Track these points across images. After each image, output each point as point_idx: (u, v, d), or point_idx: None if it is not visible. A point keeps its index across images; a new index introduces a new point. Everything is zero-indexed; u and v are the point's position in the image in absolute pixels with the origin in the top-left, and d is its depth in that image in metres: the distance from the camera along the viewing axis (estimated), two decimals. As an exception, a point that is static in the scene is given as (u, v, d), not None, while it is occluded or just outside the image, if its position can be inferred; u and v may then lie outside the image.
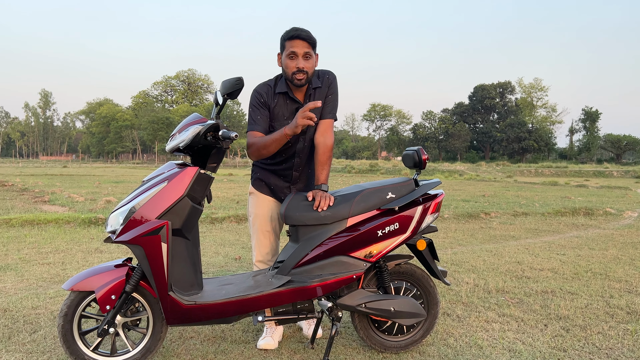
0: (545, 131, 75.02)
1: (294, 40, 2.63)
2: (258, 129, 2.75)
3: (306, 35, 2.63)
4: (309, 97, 2.79)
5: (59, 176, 24.16)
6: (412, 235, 2.64)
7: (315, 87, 2.80)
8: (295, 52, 2.62)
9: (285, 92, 2.77)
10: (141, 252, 2.35)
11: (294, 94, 2.78)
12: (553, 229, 8.24)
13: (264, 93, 2.79)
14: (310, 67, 2.68)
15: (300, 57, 2.63)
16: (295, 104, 2.79)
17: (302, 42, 2.62)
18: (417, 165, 2.75)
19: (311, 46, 2.66)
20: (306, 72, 2.66)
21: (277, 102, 2.78)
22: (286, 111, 2.78)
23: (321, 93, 2.82)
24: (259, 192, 2.99)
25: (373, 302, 2.63)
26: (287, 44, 2.65)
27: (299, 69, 2.64)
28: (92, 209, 9.41)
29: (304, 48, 2.63)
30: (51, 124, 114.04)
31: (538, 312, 3.60)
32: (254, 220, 2.99)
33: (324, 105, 2.81)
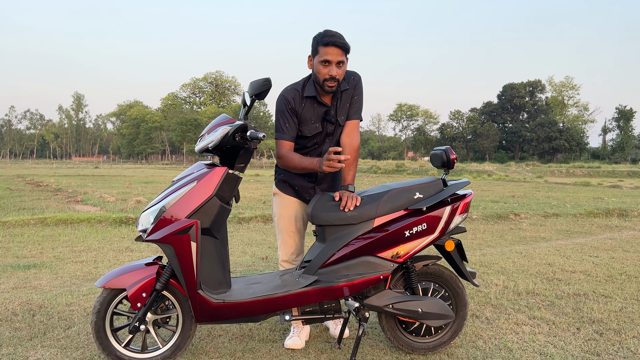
0: (576, 130, 73.28)
1: (329, 47, 2.57)
2: (287, 138, 2.74)
3: (341, 43, 2.58)
4: (337, 101, 2.78)
5: (90, 177, 24.77)
6: (440, 236, 2.62)
7: (343, 90, 2.79)
8: (329, 60, 2.58)
9: (314, 97, 2.74)
10: (171, 251, 2.39)
11: (322, 99, 2.75)
12: (585, 230, 8.04)
13: (291, 99, 2.76)
14: (342, 75, 2.65)
15: (333, 64, 2.59)
16: (323, 108, 2.77)
17: (337, 49, 2.58)
18: (445, 165, 2.72)
19: (345, 53, 2.62)
20: (337, 80, 2.63)
21: (304, 106, 2.75)
22: (314, 115, 2.77)
23: (348, 95, 2.81)
24: (283, 193, 2.98)
25: (400, 303, 2.61)
26: (322, 50, 2.60)
27: (331, 76, 2.60)
28: (122, 208, 9.61)
29: (338, 56, 2.59)
30: (83, 125, 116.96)
31: (570, 315, 3.51)
32: (278, 221, 3.00)
33: (350, 106, 2.81)
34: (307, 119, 2.75)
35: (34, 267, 4.83)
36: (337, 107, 2.78)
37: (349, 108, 2.81)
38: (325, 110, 2.76)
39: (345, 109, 2.80)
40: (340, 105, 2.78)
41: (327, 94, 2.74)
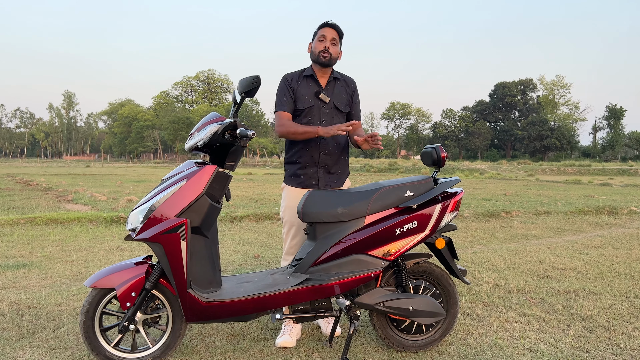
0: (567, 129, 73.73)
1: (326, 27, 3.02)
2: (286, 109, 3.04)
3: (336, 25, 3.04)
4: (329, 85, 3.10)
5: (81, 176, 24.60)
6: (430, 233, 2.62)
7: (336, 78, 3.14)
8: (325, 36, 3.00)
9: (311, 75, 3.09)
10: (161, 250, 2.37)
11: (318, 78, 3.08)
12: (576, 228, 8.09)
13: (289, 77, 3.10)
14: (334, 52, 3.02)
15: (328, 40, 3.00)
16: (317, 87, 3.07)
17: (332, 29, 3.02)
18: (436, 163, 2.73)
19: (338, 36, 3.04)
20: (330, 54, 2.99)
21: (300, 83, 3.07)
22: (308, 92, 3.05)
23: (340, 86, 3.14)
24: (289, 185, 3.13)
25: (391, 300, 2.61)
26: (320, 31, 3.03)
27: (325, 48, 2.98)
28: (114, 207, 9.55)
29: (332, 34, 3.01)
30: (74, 124, 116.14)
31: (560, 312, 3.53)
32: (284, 213, 3.11)
33: (352, 108, 3.20)
34: (302, 95, 3.05)
35: (23, 266, 4.78)
36: (331, 91, 3.09)
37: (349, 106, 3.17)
38: (317, 90, 3.06)
39: (341, 99, 3.11)
40: (334, 90, 3.10)
41: (322, 75, 3.08)
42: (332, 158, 3.06)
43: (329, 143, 3.03)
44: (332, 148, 3.04)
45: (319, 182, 3.04)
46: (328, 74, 3.10)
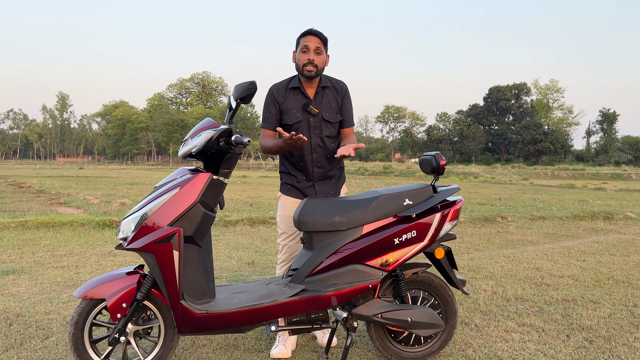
0: (561, 133, 74.10)
1: (307, 36, 2.84)
2: (268, 127, 2.96)
3: (318, 32, 2.85)
4: (318, 95, 2.93)
5: (75, 178, 24.42)
6: (430, 243, 2.56)
7: (325, 86, 2.96)
8: (307, 46, 2.82)
9: (297, 87, 2.93)
10: (153, 260, 2.30)
11: (305, 90, 2.92)
12: (572, 233, 8.07)
13: (275, 91, 2.97)
14: (320, 62, 2.85)
15: (312, 51, 2.82)
16: (305, 99, 2.92)
17: (314, 37, 2.83)
18: (435, 170, 2.67)
19: (322, 43, 2.86)
20: (316, 66, 2.82)
21: (287, 96, 2.93)
22: (295, 105, 2.92)
23: (330, 95, 2.97)
24: (285, 195, 3.06)
25: (389, 312, 2.55)
26: (301, 40, 2.85)
27: (309, 60, 2.81)
28: (106, 211, 9.45)
29: (315, 43, 2.83)
30: (68, 126, 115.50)
31: (559, 322, 3.49)
32: (279, 222, 3.06)
33: (343, 115, 3.00)
34: (289, 109, 2.92)
35: (13, 272, 4.69)
36: (320, 102, 2.94)
37: (342, 117, 3.00)
38: (305, 103, 2.92)
39: (330, 108, 2.95)
40: (322, 100, 2.94)
41: (309, 86, 2.93)
42: (327, 170, 2.99)
43: (321, 156, 2.95)
44: (324, 161, 2.97)
45: (317, 194, 2.99)
46: (316, 84, 2.94)
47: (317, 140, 2.94)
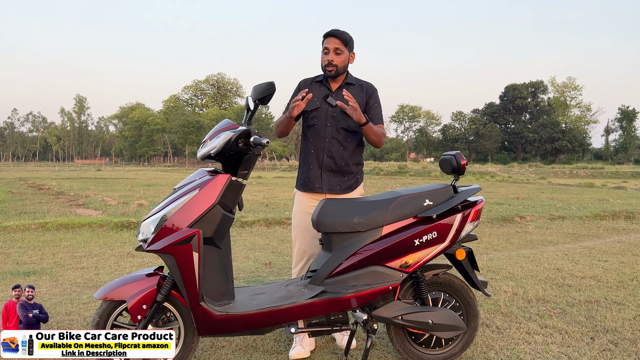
0: (579, 131, 73.02)
1: (328, 37, 2.93)
2: (286, 112, 3.00)
3: (338, 33, 2.91)
4: (340, 89, 3.00)
5: (92, 179, 24.72)
6: (450, 244, 2.53)
7: (348, 83, 3.03)
8: (328, 48, 2.91)
9: (322, 80, 3.07)
10: (172, 262, 2.30)
11: (329, 83, 3.04)
12: (592, 233, 7.94)
13: (302, 83, 3.12)
14: (340, 62, 2.92)
15: (331, 51, 2.90)
16: (326, 91, 3.02)
17: (334, 39, 2.91)
18: (455, 170, 2.63)
19: (342, 43, 2.91)
20: (335, 66, 2.91)
21: (311, 86, 3.06)
22: (317, 95, 3.02)
23: (353, 91, 3.02)
24: (299, 190, 3.12)
25: (410, 314, 2.52)
26: (324, 42, 2.96)
27: (329, 61, 2.90)
28: (124, 212, 9.54)
29: (335, 44, 2.90)
30: (86, 128, 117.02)
31: (583, 324, 3.42)
32: (294, 217, 3.11)
33: (371, 112, 3.04)
34: (311, 98, 2.96)
35: (34, 273, 4.75)
36: (341, 96, 2.97)
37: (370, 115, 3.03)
38: (326, 94, 3.01)
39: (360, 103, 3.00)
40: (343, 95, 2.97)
41: (334, 82, 3.03)
42: (338, 162, 2.98)
43: (334, 146, 2.97)
44: (337, 152, 2.97)
45: (322, 185, 2.98)
46: (340, 81, 3.03)
47: (332, 130, 2.97)
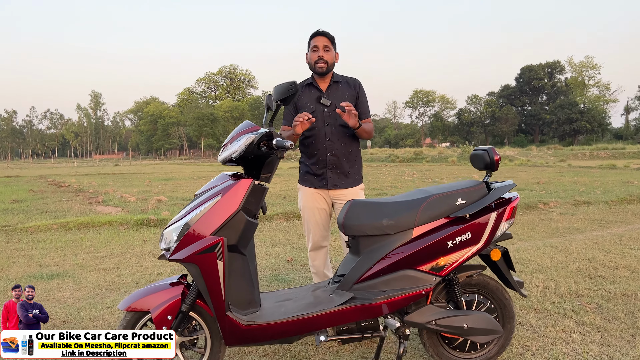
0: (598, 111, 71.44)
1: (316, 37, 3.11)
2: (285, 123, 3.22)
3: (325, 32, 3.11)
4: (331, 88, 3.16)
5: (111, 175, 24.95)
6: (485, 245, 2.41)
7: (337, 81, 3.19)
8: (317, 46, 3.09)
9: (310, 83, 3.20)
10: (197, 271, 2.22)
11: (318, 84, 3.17)
12: (620, 219, 7.71)
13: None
14: (330, 58, 3.10)
15: (320, 49, 3.08)
16: (318, 93, 3.16)
17: (322, 37, 3.09)
18: (488, 166, 2.50)
19: (330, 41, 3.11)
20: (326, 62, 3.07)
21: (302, 93, 3.19)
22: (309, 99, 3.16)
23: (343, 88, 3.18)
24: (304, 186, 3.27)
25: (444, 319, 2.41)
26: (311, 41, 3.12)
27: (320, 57, 3.07)
28: (143, 209, 9.55)
29: (323, 42, 3.09)
30: (102, 123, 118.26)
31: (622, 320, 3.28)
32: (302, 212, 3.30)
33: (359, 108, 3.18)
34: (304, 103, 3.17)
35: (57, 276, 4.74)
36: (333, 94, 3.15)
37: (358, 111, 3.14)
38: (318, 96, 3.15)
39: (344, 100, 3.09)
40: (336, 93, 3.16)
41: (322, 81, 3.17)
42: (340, 159, 3.14)
43: (335, 144, 3.12)
44: (338, 149, 3.13)
45: (328, 182, 3.15)
46: (328, 80, 3.18)
47: (331, 129, 3.12)
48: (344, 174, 3.17)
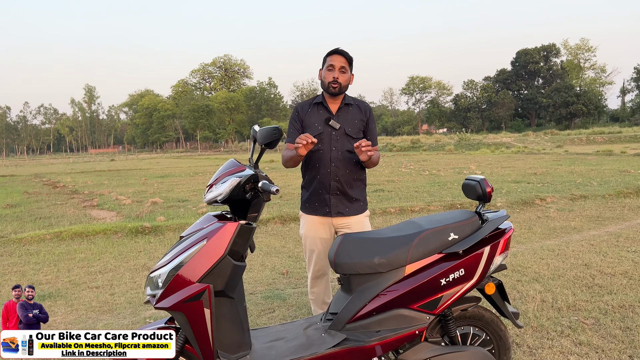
0: (594, 94, 71.28)
1: (333, 55, 2.91)
2: (290, 141, 3.00)
3: (344, 52, 2.92)
4: (341, 110, 2.99)
5: (106, 172, 24.86)
6: (479, 280, 2.35)
7: (348, 104, 3.02)
8: (333, 65, 2.90)
9: (321, 103, 3.02)
10: (183, 319, 2.16)
11: (328, 105, 2.99)
12: (617, 215, 7.69)
13: (300, 107, 3.07)
14: (344, 80, 2.93)
15: (336, 69, 2.90)
16: (327, 114, 2.98)
17: (340, 57, 2.91)
18: (480, 198, 2.44)
19: (347, 62, 2.93)
20: (340, 83, 2.90)
21: (310, 110, 3.01)
22: (318, 119, 2.97)
23: (354, 112, 3.02)
24: (306, 213, 3.08)
25: (439, 356, 2.36)
26: (328, 59, 2.94)
27: (334, 78, 2.89)
28: (138, 214, 9.49)
29: (340, 62, 2.91)
30: (97, 117, 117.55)
31: (619, 339, 3.24)
32: (304, 241, 3.11)
33: (368, 134, 3.05)
34: (312, 122, 2.98)
35: (49, 297, 4.68)
36: (343, 117, 2.98)
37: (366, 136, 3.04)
38: (327, 117, 2.97)
39: (354, 124, 2.98)
40: (346, 116, 2.99)
41: (333, 102, 3.00)
42: (345, 185, 2.96)
43: (341, 170, 2.94)
44: (343, 175, 2.95)
45: (332, 210, 2.97)
46: (339, 101, 3.01)
47: (337, 153, 2.93)
48: (349, 201, 2.99)
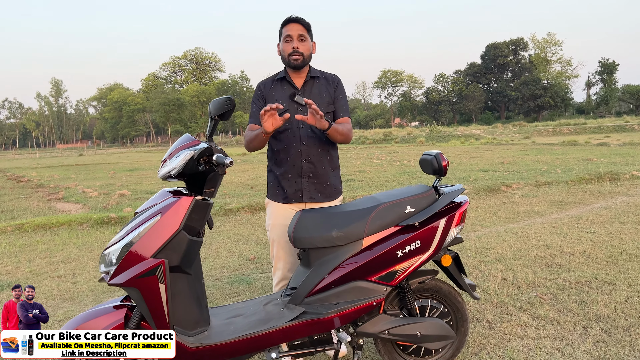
0: (561, 87, 73.00)
1: (289, 24, 2.67)
2: (253, 122, 2.75)
3: (299, 19, 2.68)
4: (307, 84, 2.74)
5: (74, 167, 24.25)
6: (435, 252, 2.39)
7: (314, 76, 2.77)
8: (290, 35, 2.66)
9: (283, 77, 2.77)
10: (138, 295, 2.13)
11: (292, 80, 2.74)
12: (579, 200, 7.90)
13: (262, 85, 2.81)
14: (305, 50, 2.67)
15: (295, 39, 2.66)
16: (291, 89, 2.73)
17: (296, 24, 2.66)
18: (436, 172, 2.48)
19: (305, 29, 2.68)
20: (302, 54, 2.65)
21: (273, 88, 2.76)
22: (282, 95, 2.72)
23: (321, 85, 2.76)
24: (274, 201, 2.79)
25: (397, 327, 2.39)
26: (284, 30, 2.69)
27: (294, 49, 2.65)
28: (105, 205, 9.31)
29: (298, 30, 2.66)
30: (64, 112, 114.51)
31: (574, 312, 3.34)
32: (271, 232, 2.79)
33: (336, 105, 2.77)
34: (275, 100, 2.72)
35: (8, 287, 4.55)
36: (309, 91, 2.73)
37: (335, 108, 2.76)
38: (292, 92, 2.71)
39: (321, 98, 2.72)
40: (312, 90, 2.74)
41: (297, 76, 2.74)
42: (318, 166, 2.70)
43: (312, 149, 2.68)
44: (315, 155, 2.69)
45: (304, 195, 2.69)
46: (304, 74, 2.74)
47: (307, 131, 2.67)
48: (322, 184, 2.72)
